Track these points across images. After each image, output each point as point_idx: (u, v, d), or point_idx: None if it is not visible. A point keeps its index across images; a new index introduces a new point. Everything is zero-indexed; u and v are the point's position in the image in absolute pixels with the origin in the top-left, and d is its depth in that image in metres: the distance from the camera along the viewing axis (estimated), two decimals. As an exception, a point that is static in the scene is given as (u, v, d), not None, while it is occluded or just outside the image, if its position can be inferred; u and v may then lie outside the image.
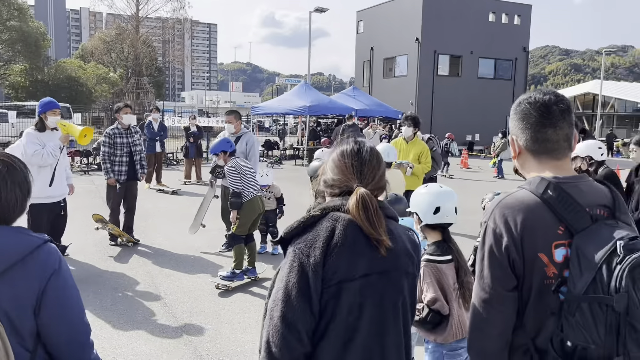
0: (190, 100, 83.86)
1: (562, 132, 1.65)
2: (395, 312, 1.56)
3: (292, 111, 21.14)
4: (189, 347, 4.21)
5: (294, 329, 1.46)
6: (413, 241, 1.66)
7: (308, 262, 1.48)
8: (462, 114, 30.18)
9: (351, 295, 1.48)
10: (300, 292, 1.47)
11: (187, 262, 6.51)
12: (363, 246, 1.51)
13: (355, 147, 1.65)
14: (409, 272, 1.60)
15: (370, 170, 1.62)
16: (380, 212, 1.55)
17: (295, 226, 1.55)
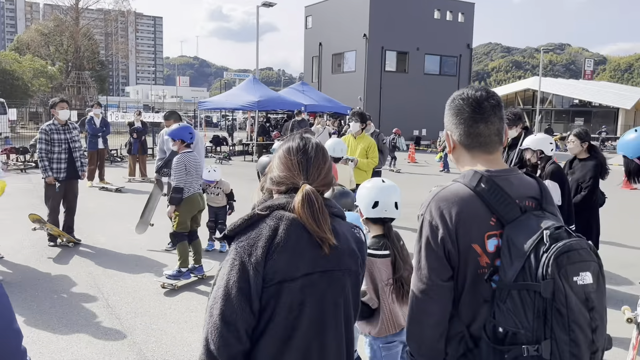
0: (135, 95, 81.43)
1: (493, 127, 1.71)
2: (336, 310, 1.56)
3: (241, 106, 20.93)
4: (133, 349, 4.10)
5: (233, 327, 1.45)
6: (358, 239, 1.66)
7: (249, 261, 1.47)
8: (410, 110, 30.76)
9: (292, 294, 1.48)
10: (240, 290, 1.46)
11: (132, 262, 6.34)
12: (306, 245, 1.51)
13: (301, 144, 1.64)
14: (352, 270, 1.60)
15: (316, 166, 1.62)
16: (325, 209, 1.55)
17: (239, 224, 1.54)
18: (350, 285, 1.60)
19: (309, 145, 1.64)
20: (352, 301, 1.62)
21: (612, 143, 33.71)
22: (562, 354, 1.44)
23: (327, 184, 1.65)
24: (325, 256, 1.52)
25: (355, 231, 1.67)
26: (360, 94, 31.40)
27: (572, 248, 1.47)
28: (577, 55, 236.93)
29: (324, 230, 1.51)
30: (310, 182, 1.59)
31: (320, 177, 1.62)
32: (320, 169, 1.62)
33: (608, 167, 5.40)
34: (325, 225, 1.52)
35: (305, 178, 1.59)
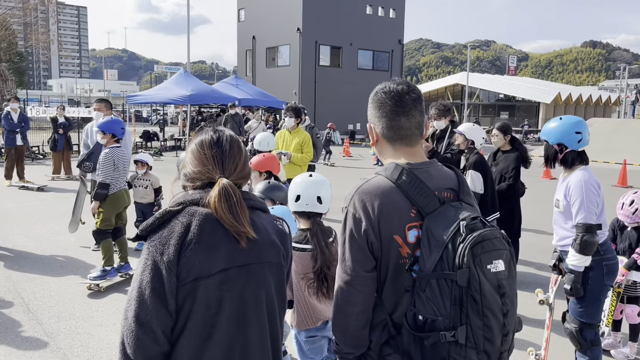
0: (59, 89, 77.35)
1: (414, 120, 1.76)
2: (257, 304, 1.52)
3: (172, 100, 20.31)
4: (57, 355, 3.91)
5: (148, 329, 1.40)
6: (280, 231, 1.62)
7: (162, 260, 1.41)
8: (344, 104, 31.12)
9: (209, 291, 1.43)
10: (153, 291, 1.41)
11: (55, 264, 6.03)
12: (221, 240, 1.46)
13: (214, 137, 1.59)
14: (273, 262, 1.57)
15: (231, 159, 1.57)
16: (243, 203, 1.51)
17: (151, 222, 1.47)
18: (272, 278, 1.57)
19: (222, 137, 1.59)
20: (275, 294, 1.59)
21: (534, 136, 35.62)
22: (477, 339, 1.51)
23: (244, 177, 1.61)
24: (243, 250, 1.48)
25: (278, 223, 1.64)
26: (295, 88, 31.40)
27: (486, 238, 1.54)
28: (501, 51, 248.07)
29: (242, 224, 1.47)
30: (227, 175, 1.54)
31: (237, 170, 1.57)
32: (237, 161, 1.58)
33: (530, 157, 5.71)
34: (243, 218, 1.48)
35: (221, 172, 1.54)
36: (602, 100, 54.13)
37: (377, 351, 1.71)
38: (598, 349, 3.26)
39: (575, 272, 3.12)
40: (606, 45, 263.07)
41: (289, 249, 1.65)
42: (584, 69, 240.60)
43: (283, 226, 1.65)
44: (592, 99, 52.93)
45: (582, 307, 3.20)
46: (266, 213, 1.63)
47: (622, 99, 48.47)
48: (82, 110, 17.58)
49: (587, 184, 3.11)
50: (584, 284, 3.14)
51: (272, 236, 1.58)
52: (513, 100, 54.83)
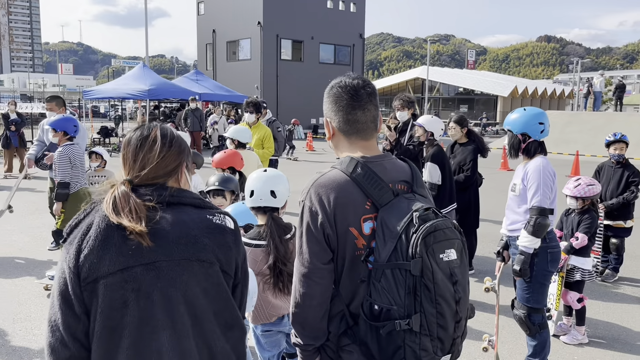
0: (10, 84, 74.30)
1: (369, 114, 1.80)
2: (170, 305, 1.42)
3: (131, 95, 19.85)
4: (13, 357, 3.80)
5: (57, 332, 1.39)
6: (210, 225, 1.49)
7: (65, 260, 1.40)
8: (306, 98, 31.08)
9: (111, 291, 1.37)
10: (60, 293, 1.39)
11: (9, 265, 5.84)
12: (122, 238, 1.39)
13: (128, 136, 1.56)
14: (191, 260, 1.44)
15: (139, 158, 1.50)
16: (134, 205, 1.42)
17: (70, 223, 1.47)
18: (193, 277, 1.44)
19: (134, 136, 1.54)
20: (202, 294, 1.45)
21: (492, 128, 36.49)
22: (430, 326, 1.56)
23: (162, 175, 1.52)
24: (150, 248, 1.39)
25: (215, 218, 1.52)
26: (257, 82, 31.18)
27: (438, 228, 1.59)
28: (460, 46, 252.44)
29: (127, 220, 1.39)
30: (132, 176, 1.49)
31: (147, 169, 1.49)
32: (145, 160, 1.50)
33: (487, 147, 5.86)
34: (132, 218, 1.39)
35: (127, 172, 1.51)
36: (557, 93, 55.87)
37: (335, 342, 1.75)
38: (546, 331, 3.44)
39: (525, 253, 3.26)
40: (560, 40, 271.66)
41: (226, 245, 1.51)
42: (539, 63, 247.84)
43: (223, 221, 1.53)
44: (547, 92, 54.56)
45: (528, 292, 3.36)
46: (200, 209, 1.52)
47: (575, 92, 50.22)
48: (36, 106, 16.99)
49: (544, 170, 3.26)
50: (530, 270, 3.29)
51: (194, 232, 1.45)
52: (472, 93, 55.99)
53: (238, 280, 1.56)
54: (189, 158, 1.63)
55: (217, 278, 1.48)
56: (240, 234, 1.59)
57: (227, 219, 1.55)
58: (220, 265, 1.49)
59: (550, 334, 3.71)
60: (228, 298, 1.50)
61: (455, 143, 5.94)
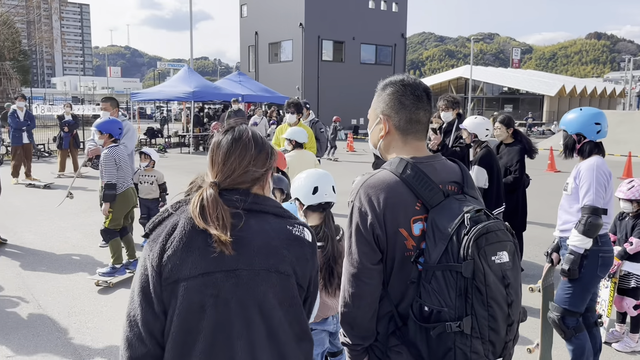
0: (62, 87, 77.48)
1: (429, 116, 1.82)
2: (247, 314, 1.42)
3: (176, 97, 20.40)
4: (68, 349, 3.97)
5: (135, 327, 1.42)
6: (294, 238, 1.50)
7: (149, 258, 1.42)
8: (347, 99, 31.10)
9: (191, 294, 1.38)
10: (141, 289, 1.42)
11: (63, 261, 6.10)
12: (205, 243, 1.40)
13: (218, 138, 1.55)
14: (270, 271, 1.44)
15: (229, 163, 1.50)
16: (220, 208, 1.42)
17: (153, 220, 1.50)
18: (270, 288, 1.44)
19: (224, 139, 1.53)
20: (279, 306, 1.45)
21: (538, 128, 35.51)
22: (482, 329, 1.54)
23: (248, 181, 1.51)
24: (232, 255, 1.40)
25: (294, 229, 1.51)
26: (298, 83, 31.40)
27: (490, 229, 1.57)
28: (505, 44, 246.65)
29: (214, 228, 1.39)
30: (220, 179, 1.49)
31: (235, 174, 1.49)
32: (234, 165, 1.49)
33: (535, 148, 5.71)
34: (218, 225, 1.40)
35: (214, 176, 1.50)
36: (607, 92, 53.88)
37: (384, 342, 1.75)
38: (583, 335, 3.31)
39: (575, 253, 3.17)
40: (611, 37, 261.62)
41: (304, 257, 1.50)
42: (589, 61, 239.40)
43: (302, 233, 1.53)
44: (596, 91, 52.69)
45: (568, 294, 3.26)
46: (280, 218, 1.52)
47: (627, 90, 48.24)
48: (88, 108, 17.64)
49: (598, 168, 3.17)
50: (578, 272, 3.19)
51: (274, 242, 1.46)
52: (517, 93, 54.62)
53: (309, 294, 1.56)
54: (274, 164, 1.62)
55: (293, 290, 1.48)
56: (316, 247, 1.57)
57: (306, 231, 1.54)
58: (297, 278, 1.49)
59: (602, 340, 3.59)
60: (301, 311, 1.51)
61: (500, 144, 5.82)
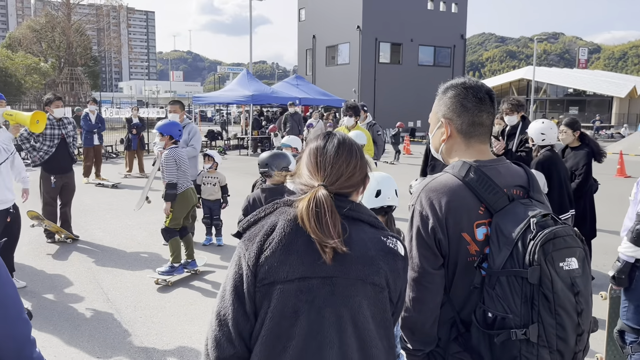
0: (128, 91, 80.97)
1: (491, 118, 1.80)
2: (340, 323, 1.38)
3: (235, 101, 20.92)
4: (135, 342, 4.16)
5: (225, 327, 1.41)
6: (388, 250, 1.45)
7: (244, 257, 1.41)
8: (404, 101, 30.82)
9: (285, 298, 1.36)
10: (234, 288, 1.41)
11: (130, 257, 6.39)
12: (305, 247, 1.38)
13: (321, 143, 1.52)
14: (367, 281, 1.40)
15: (335, 167, 1.47)
16: (335, 214, 1.40)
17: (247, 219, 1.50)
18: (364, 299, 1.40)
19: (330, 143, 1.51)
20: (371, 318, 1.41)
21: (606, 131, 33.83)
22: (549, 337, 1.50)
23: (350, 186, 1.49)
24: (335, 263, 1.38)
25: (388, 241, 1.47)
26: (355, 86, 31.41)
27: (557, 235, 1.53)
28: (571, 44, 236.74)
29: (328, 236, 1.36)
30: (327, 183, 1.45)
31: (341, 179, 1.46)
32: (341, 170, 1.47)
33: (603, 151, 5.44)
34: (332, 230, 1.37)
35: (322, 179, 1.46)
36: (683, 93, 50.64)
37: (445, 349, 1.73)
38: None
39: (624, 261, 2.99)
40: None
41: (397, 271, 1.46)
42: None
43: (396, 246, 1.47)
44: (671, 92, 49.62)
45: (625, 307, 3.07)
46: (375, 228, 1.49)
47: None
48: (153, 111, 18.38)
49: None
50: (629, 283, 3.00)
51: (371, 252, 1.42)
52: (583, 94, 52.26)
53: (396, 309, 1.51)
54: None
55: (385, 304, 1.44)
56: (408, 261, 1.51)
57: (399, 244, 1.49)
58: (389, 292, 1.44)
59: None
60: (390, 326, 1.47)
61: (566, 147, 5.60)
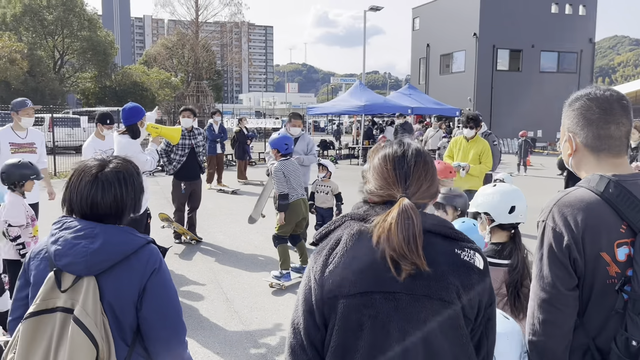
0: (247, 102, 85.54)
1: (624, 129, 1.64)
2: (405, 339, 1.33)
3: (347, 111, 21.23)
4: (250, 341, 4.36)
5: (298, 336, 1.43)
6: (457, 262, 1.36)
7: (312, 270, 1.42)
8: (523, 110, 29.22)
9: (349, 312, 1.34)
10: (304, 300, 1.42)
11: (248, 260, 6.71)
12: (369, 260, 1.35)
13: (399, 151, 1.45)
14: (433, 298, 1.33)
15: (416, 177, 1.41)
16: (421, 229, 1.34)
17: (320, 231, 1.50)
18: (432, 316, 1.33)
19: (408, 152, 1.44)
20: (441, 335, 1.34)
21: None
22: None
23: (429, 197, 1.44)
24: (393, 276, 1.32)
25: (463, 254, 1.37)
26: (470, 94, 30.40)
27: None
28: None
29: (415, 253, 1.31)
30: (409, 194, 1.39)
31: (422, 189, 1.41)
32: (421, 179, 1.41)
33: None
34: (419, 246, 1.31)
35: (403, 190, 1.40)
36: None
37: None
38: None
39: None
40: None
41: (471, 286, 1.36)
42: None
43: (472, 259, 1.37)
44: None
45: None
46: (450, 240, 1.39)
47: None
48: (269, 121, 19.27)
49: None
50: None
51: (441, 267, 1.34)
52: None
53: (477, 326, 1.40)
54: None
55: (457, 321, 1.35)
56: (488, 275, 1.41)
57: (477, 257, 1.39)
58: (462, 308, 1.35)
59: None
60: (467, 344, 1.37)
61: None
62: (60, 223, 1.71)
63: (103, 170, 1.74)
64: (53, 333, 1.58)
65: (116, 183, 1.73)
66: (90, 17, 39.38)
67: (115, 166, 1.77)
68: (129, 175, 1.77)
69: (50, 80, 35.86)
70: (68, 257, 1.62)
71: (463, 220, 2.81)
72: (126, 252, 1.66)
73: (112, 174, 1.73)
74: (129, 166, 1.81)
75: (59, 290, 1.61)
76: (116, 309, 1.63)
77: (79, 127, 21.30)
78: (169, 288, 1.75)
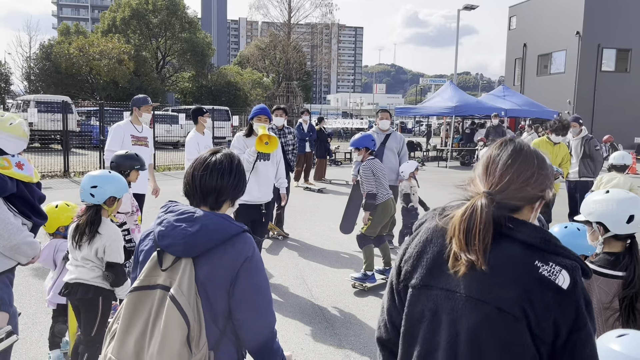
0: (335, 103, 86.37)
1: None
2: (453, 340, 1.33)
3: (438, 112, 20.79)
4: (334, 339, 4.40)
5: (384, 314, 1.58)
6: (535, 276, 1.27)
7: (398, 256, 1.54)
8: (630, 113, 27.08)
9: (416, 301, 1.43)
10: (390, 282, 1.56)
11: (333, 258, 6.78)
12: (435, 255, 1.41)
13: (495, 151, 1.45)
14: (490, 304, 1.28)
15: (504, 176, 1.37)
16: (488, 227, 1.30)
17: (417, 223, 1.59)
18: (488, 323, 1.28)
19: (504, 149, 1.43)
20: (497, 349, 1.28)
21: None
22: None
23: (523, 199, 1.37)
24: (461, 277, 1.32)
25: (543, 268, 1.27)
26: (570, 96, 28.63)
27: None
28: None
29: (471, 248, 1.30)
30: (493, 191, 1.36)
31: (512, 188, 1.35)
32: (512, 178, 1.36)
33: None
34: (479, 244, 1.29)
35: (488, 186, 1.38)
36: None
37: None
38: None
39: None
40: None
41: (544, 303, 1.25)
42: None
43: (554, 276, 1.26)
44: None
45: None
46: (531, 249, 1.31)
47: None
48: (356, 122, 19.31)
49: None
50: None
51: (506, 275, 1.29)
52: None
53: (558, 351, 1.28)
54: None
55: (517, 337, 1.27)
56: (576, 297, 1.26)
57: (563, 275, 1.27)
58: (529, 324, 1.26)
59: None
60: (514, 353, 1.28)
61: None
62: (166, 207, 1.85)
63: (212, 158, 1.89)
64: (152, 308, 1.70)
65: (223, 169, 1.87)
66: (190, 19, 41.63)
67: (222, 155, 1.91)
68: (231, 165, 1.90)
69: (152, 80, 38.33)
70: (169, 238, 1.73)
71: (565, 226, 2.64)
72: (222, 238, 1.74)
73: (219, 161, 1.88)
74: (231, 156, 1.93)
75: (160, 269, 1.73)
76: (209, 293, 1.71)
77: (177, 124, 22.61)
78: (261, 277, 1.81)
